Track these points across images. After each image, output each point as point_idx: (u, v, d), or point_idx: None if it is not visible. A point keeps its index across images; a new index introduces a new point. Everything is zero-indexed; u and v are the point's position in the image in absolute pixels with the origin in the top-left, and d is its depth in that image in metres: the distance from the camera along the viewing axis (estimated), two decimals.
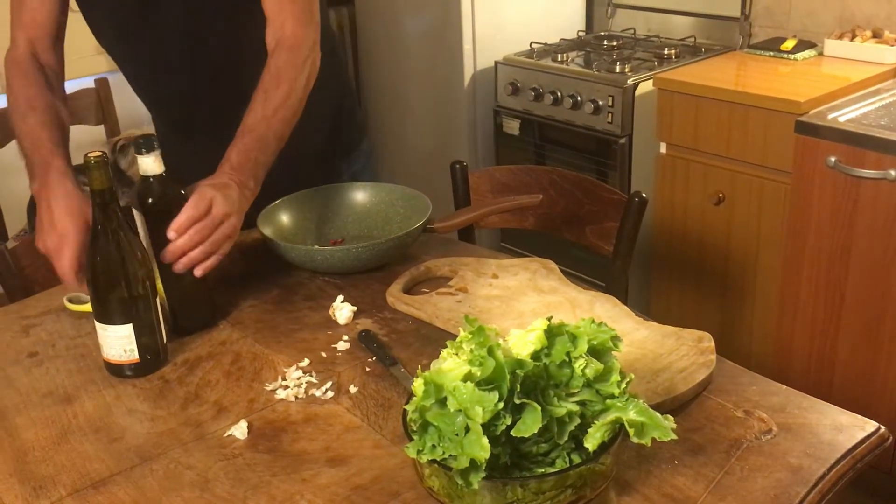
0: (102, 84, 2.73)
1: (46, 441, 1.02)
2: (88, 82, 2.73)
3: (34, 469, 0.97)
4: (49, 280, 1.50)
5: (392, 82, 3.08)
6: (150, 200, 1.17)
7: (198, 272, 1.19)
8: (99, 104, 2.72)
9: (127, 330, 1.12)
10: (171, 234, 1.16)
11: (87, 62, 2.88)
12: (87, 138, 2.69)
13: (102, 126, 2.75)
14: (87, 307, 1.27)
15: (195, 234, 1.17)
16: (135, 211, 1.20)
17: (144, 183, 1.17)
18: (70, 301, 1.31)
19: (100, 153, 1.08)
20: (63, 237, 1.17)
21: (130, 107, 2.99)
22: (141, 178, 1.18)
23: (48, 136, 1.32)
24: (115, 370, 1.15)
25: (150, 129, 2.61)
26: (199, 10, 1.45)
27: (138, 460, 0.98)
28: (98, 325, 1.13)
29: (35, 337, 1.26)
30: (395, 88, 3.08)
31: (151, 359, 1.15)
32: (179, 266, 1.17)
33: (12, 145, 2.60)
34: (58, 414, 1.07)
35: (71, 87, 2.70)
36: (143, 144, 1.15)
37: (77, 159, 1.22)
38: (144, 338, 1.13)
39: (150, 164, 1.16)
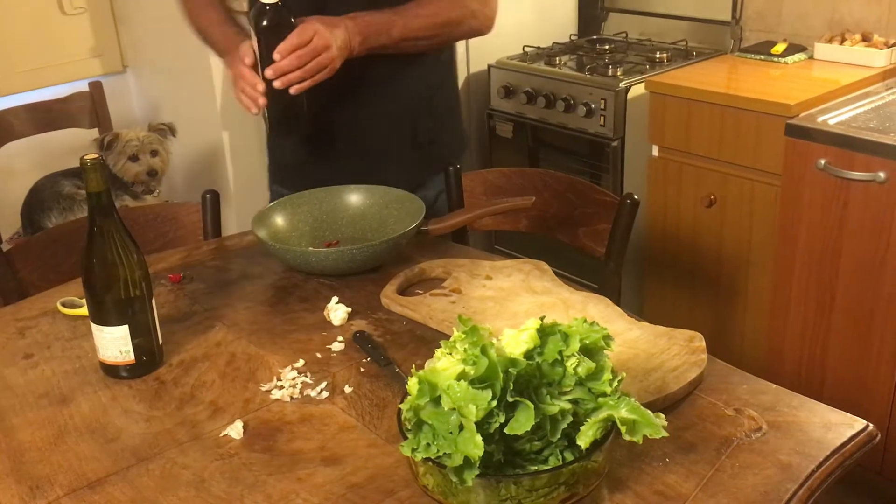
0: (96, 87, 2.74)
1: (43, 442, 1.03)
2: (83, 86, 2.74)
3: (31, 469, 0.98)
4: (43, 283, 1.51)
5: None
6: (264, 23, 1.39)
7: (293, 91, 1.41)
8: (93, 107, 2.73)
9: (123, 331, 1.12)
10: (275, 55, 1.39)
11: (81, 65, 2.89)
12: (83, 141, 2.70)
13: (96, 129, 2.75)
14: (80, 311, 1.28)
15: (295, 59, 1.39)
16: (250, 31, 1.44)
17: (261, 7, 1.38)
18: (63, 305, 1.32)
19: (96, 156, 1.08)
20: (233, 63, 1.47)
21: (124, 110, 3.01)
22: (259, 3, 1.39)
23: (231, 28, 1.60)
24: (111, 371, 1.15)
25: (142, 132, 2.63)
26: None
27: (134, 460, 0.99)
28: (94, 327, 1.14)
29: (30, 339, 1.26)
30: None
31: (147, 360, 1.16)
32: (278, 83, 1.40)
33: (6, 149, 2.61)
34: (54, 415, 1.08)
35: (65, 90, 2.73)
36: None
37: (72, 162, 1.23)
38: (140, 339, 1.14)
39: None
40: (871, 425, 0.98)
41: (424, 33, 1.54)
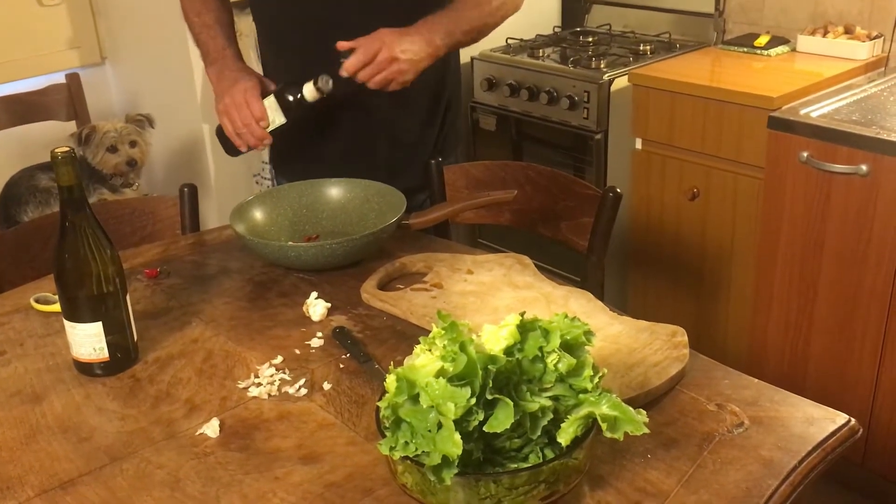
0: (73, 79, 2.70)
1: (14, 441, 1.01)
2: (59, 77, 2.70)
3: (1, 470, 0.96)
4: (17, 278, 1.48)
5: None
6: (290, 112, 1.51)
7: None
8: (70, 99, 2.69)
9: (96, 328, 1.10)
10: (343, 73, 1.45)
11: (58, 57, 2.85)
12: (60, 134, 2.66)
13: (74, 122, 2.72)
14: (54, 307, 1.26)
15: (362, 77, 1.45)
16: (274, 97, 1.52)
17: (301, 101, 1.49)
18: (37, 301, 1.29)
19: (67, 149, 1.06)
20: (247, 90, 1.50)
21: (102, 102, 2.97)
22: (301, 96, 1.49)
23: (221, 31, 1.63)
24: (85, 369, 1.13)
25: (120, 123, 2.59)
26: None
27: (108, 460, 0.97)
28: (67, 324, 1.11)
29: (3, 335, 1.24)
30: None
31: (122, 357, 1.14)
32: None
33: None
34: (26, 413, 1.06)
35: (42, 82, 2.69)
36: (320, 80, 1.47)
37: (47, 156, 1.21)
38: (114, 336, 1.12)
39: (312, 94, 1.49)
40: (853, 420, 0.98)
41: (478, 26, 1.59)
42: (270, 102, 1.52)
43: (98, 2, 2.91)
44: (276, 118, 1.52)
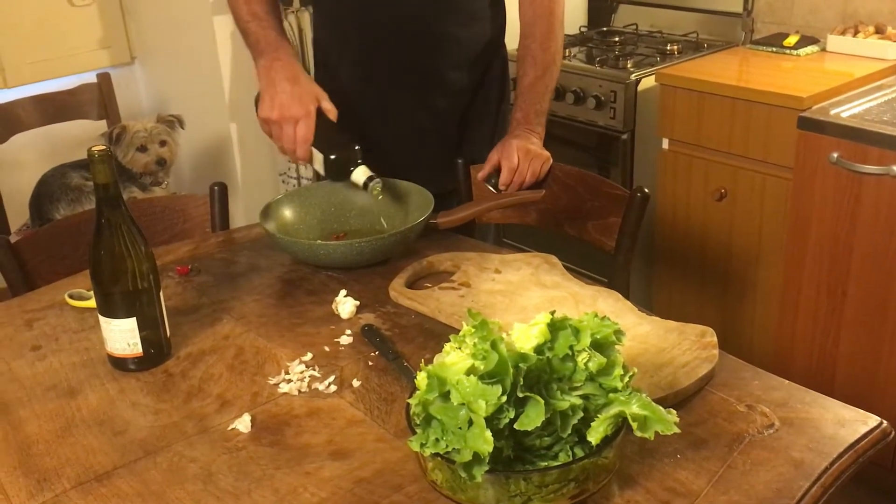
0: (104, 79, 2.73)
1: (50, 434, 1.03)
2: (90, 77, 2.74)
3: (38, 462, 0.98)
4: (51, 275, 1.50)
5: None
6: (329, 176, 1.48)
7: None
8: (101, 99, 2.72)
9: (130, 323, 1.12)
10: (501, 187, 1.57)
11: (88, 57, 2.89)
12: (91, 133, 2.70)
13: (104, 121, 2.75)
14: (88, 303, 1.28)
15: (515, 184, 1.57)
16: (324, 158, 1.46)
17: (343, 178, 1.47)
18: (71, 297, 1.32)
19: (103, 147, 1.08)
20: (307, 114, 1.43)
21: (132, 101, 3.00)
22: (347, 177, 1.46)
23: (274, 24, 1.55)
24: (119, 364, 1.15)
25: (150, 123, 2.62)
26: None
27: (142, 453, 0.99)
28: (102, 319, 1.13)
29: (38, 331, 1.26)
30: None
31: (155, 352, 1.15)
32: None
33: (13, 140, 2.61)
34: (61, 407, 1.08)
35: (73, 81, 2.73)
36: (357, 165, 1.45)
37: (80, 154, 1.23)
38: (148, 331, 1.13)
39: (359, 176, 1.45)
40: (884, 422, 0.97)
41: (556, 76, 1.68)
42: (317, 157, 1.47)
43: (128, 2, 2.95)
44: (318, 167, 1.48)
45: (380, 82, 1.66)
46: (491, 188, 1.59)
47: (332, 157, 1.45)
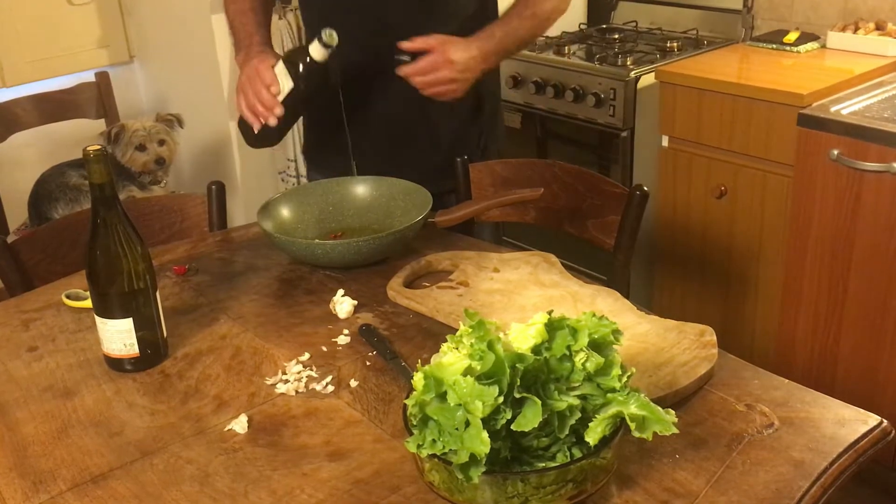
0: (103, 77, 2.72)
1: (46, 435, 1.02)
2: (89, 76, 2.73)
3: (34, 463, 0.97)
4: (49, 274, 1.50)
5: None
6: (301, 85, 1.46)
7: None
8: (99, 98, 2.72)
9: (127, 324, 1.11)
10: (401, 72, 1.48)
11: (87, 56, 2.88)
12: (89, 132, 2.69)
13: (103, 120, 2.74)
14: (85, 304, 1.27)
15: (416, 82, 1.48)
16: (283, 63, 1.48)
17: (310, 63, 1.45)
18: (68, 297, 1.31)
19: (98, 147, 1.07)
20: (259, 62, 1.48)
21: (131, 100, 3.00)
22: (308, 57, 1.45)
23: (253, 18, 1.62)
24: (115, 364, 1.14)
25: (149, 122, 2.62)
26: None
27: (138, 454, 0.98)
28: (98, 320, 1.13)
29: (35, 331, 1.26)
30: None
31: (151, 353, 1.15)
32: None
33: (12, 139, 2.61)
34: (58, 408, 1.07)
35: (71, 80, 2.72)
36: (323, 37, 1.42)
37: (79, 153, 1.23)
38: (144, 332, 1.13)
39: (319, 53, 1.43)
40: (885, 421, 0.97)
41: (535, 33, 1.63)
42: (280, 69, 1.48)
43: (127, 1, 2.94)
44: (286, 84, 1.47)
45: (368, 90, 1.66)
46: (397, 61, 1.50)
47: (286, 52, 1.50)
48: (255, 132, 1.53)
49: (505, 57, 1.61)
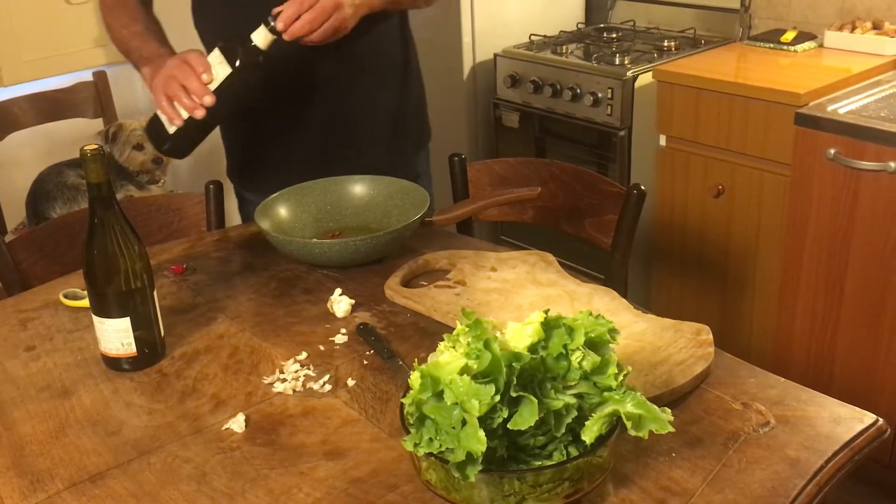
0: (101, 77, 2.72)
1: (44, 435, 1.02)
2: (87, 75, 2.73)
3: (31, 463, 0.97)
4: (46, 274, 1.50)
5: None
6: (237, 63, 1.35)
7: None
8: (97, 97, 2.72)
9: (124, 323, 1.12)
10: (279, 26, 1.31)
11: (85, 55, 2.88)
12: (87, 131, 2.69)
13: (101, 119, 2.74)
14: (83, 303, 1.27)
15: (307, 24, 1.31)
16: (218, 49, 1.37)
17: (253, 48, 1.34)
18: (66, 297, 1.31)
19: (96, 146, 1.07)
20: (185, 54, 1.38)
21: (129, 100, 2.99)
22: (251, 42, 1.34)
23: (153, 37, 1.55)
24: (113, 364, 1.15)
25: (147, 121, 2.62)
26: None
27: (136, 454, 0.98)
28: (95, 319, 1.13)
29: (32, 331, 1.26)
30: None
31: (149, 352, 1.15)
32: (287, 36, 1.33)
33: (10, 139, 2.61)
34: (55, 408, 1.07)
35: (69, 80, 2.72)
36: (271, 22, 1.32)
37: (77, 152, 1.23)
38: (142, 331, 1.13)
39: (262, 39, 1.33)
40: (880, 420, 0.97)
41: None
42: (214, 56, 1.36)
43: None
44: (220, 72, 1.34)
45: (292, 98, 1.60)
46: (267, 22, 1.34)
47: (224, 40, 1.37)
48: (171, 132, 1.38)
49: (379, 4, 1.44)
